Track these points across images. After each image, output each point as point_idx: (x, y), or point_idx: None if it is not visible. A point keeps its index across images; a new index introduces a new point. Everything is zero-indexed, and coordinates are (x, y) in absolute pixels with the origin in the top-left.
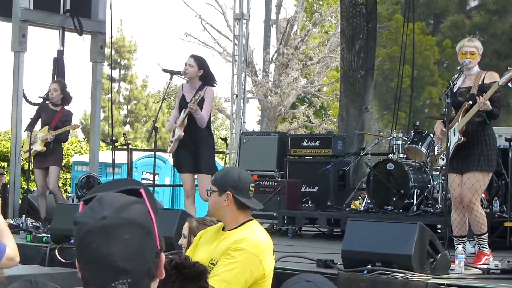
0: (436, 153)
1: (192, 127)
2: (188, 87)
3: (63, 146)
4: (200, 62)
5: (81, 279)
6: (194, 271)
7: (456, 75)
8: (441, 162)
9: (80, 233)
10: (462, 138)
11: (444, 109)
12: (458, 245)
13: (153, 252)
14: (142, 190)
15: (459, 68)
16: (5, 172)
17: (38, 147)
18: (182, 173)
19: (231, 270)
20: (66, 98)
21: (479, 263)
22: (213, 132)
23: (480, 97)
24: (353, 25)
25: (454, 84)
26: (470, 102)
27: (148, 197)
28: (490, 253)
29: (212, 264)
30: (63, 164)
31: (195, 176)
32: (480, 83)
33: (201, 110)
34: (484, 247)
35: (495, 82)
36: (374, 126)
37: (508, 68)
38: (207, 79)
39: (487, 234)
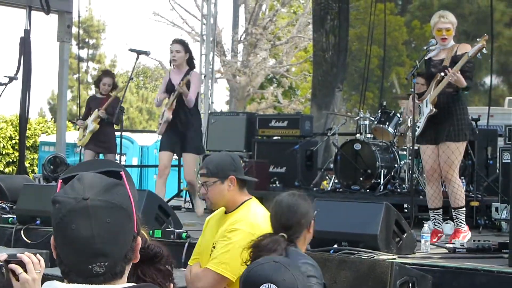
0: (408, 125)
1: (181, 110)
2: (176, 71)
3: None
4: (186, 46)
5: (55, 258)
6: (148, 253)
7: (423, 55)
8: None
9: (60, 212)
10: (434, 109)
11: (411, 89)
12: (425, 224)
13: (131, 236)
14: (122, 173)
15: (425, 48)
16: None
17: (91, 125)
18: (161, 151)
19: (228, 252)
20: (115, 86)
21: (457, 240)
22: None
23: (450, 68)
24: (323, 5)
25: (418, 67)
26: (442, 74)
27: (127, 180)
28: (467, 230)
29: (214, 248)
30: (30, 144)
31: (174, 156)
32: (453, 55)
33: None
34: (461, 223)
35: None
36: (342, 106)
37: (477, 39)
38: (192, 62)
39: (464, 209)
